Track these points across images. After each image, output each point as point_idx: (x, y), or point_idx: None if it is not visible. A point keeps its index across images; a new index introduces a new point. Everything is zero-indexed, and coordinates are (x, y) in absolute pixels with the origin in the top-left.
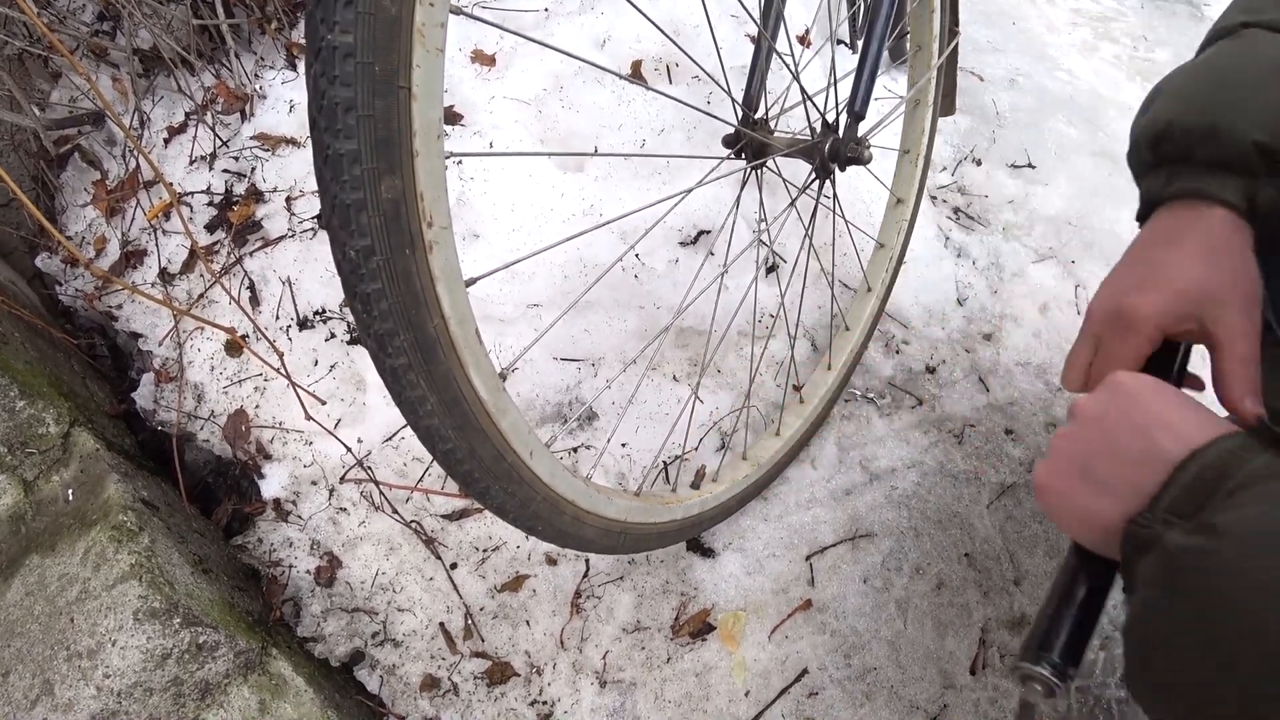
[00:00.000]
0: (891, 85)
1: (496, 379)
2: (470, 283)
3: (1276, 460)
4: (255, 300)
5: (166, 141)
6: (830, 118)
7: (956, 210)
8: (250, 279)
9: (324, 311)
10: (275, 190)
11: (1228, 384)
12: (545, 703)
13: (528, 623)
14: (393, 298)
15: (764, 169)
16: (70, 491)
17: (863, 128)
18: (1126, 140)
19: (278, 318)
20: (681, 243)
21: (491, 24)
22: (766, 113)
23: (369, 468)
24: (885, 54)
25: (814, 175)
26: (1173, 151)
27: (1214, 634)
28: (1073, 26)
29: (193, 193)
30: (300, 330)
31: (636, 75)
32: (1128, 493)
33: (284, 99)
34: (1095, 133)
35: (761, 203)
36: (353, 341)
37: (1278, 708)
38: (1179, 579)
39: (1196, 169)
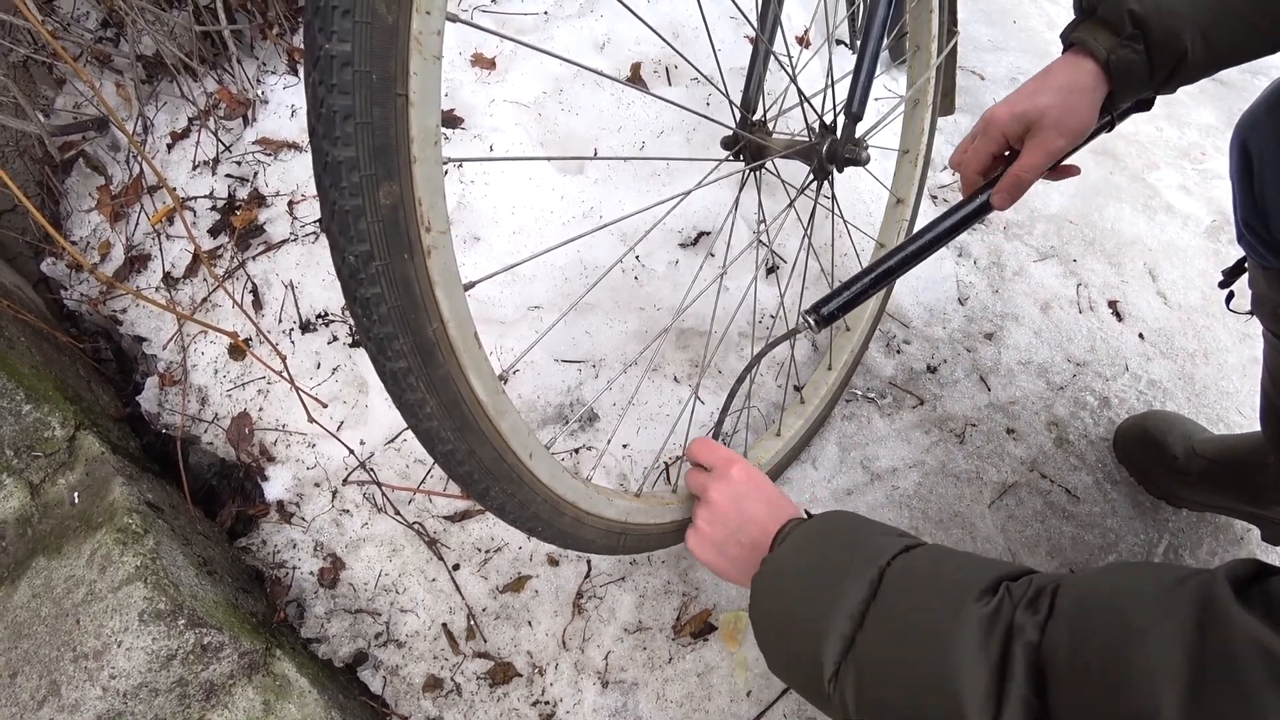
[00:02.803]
0: (891, 85)
1: (495, 381)
2: (469, 286)
3: (801, 524)
4: (258, 304)
5: (170, 147)
6: (828, 119)
7: None
8: (253, 283)
9: (326, 314)
10: (278, 194)
11: (976, 161)
12: (547, 703)
13: (530, 623)
14: (392, 302)
15: (762, 170)
16: (76, 494)
17: (861, 128)
18: (1127, 138)
19: (280, 321)
20: (681, 244)
21: (488, 30)
22: (765, 114)
23: (371, 470)
24: (884, 54)
25: (812, 176)
26: (1085, 3)
27: (765, 621)
28: None
29: (196, 197)
30: (303, 333)
31: (636, 78)
32: (748, 569)
33: (286, 104)
34: None
35: (760, 204)
36: (354, 344)
37: (795, 662)
38: (753, 598)
39: (1091, 22)
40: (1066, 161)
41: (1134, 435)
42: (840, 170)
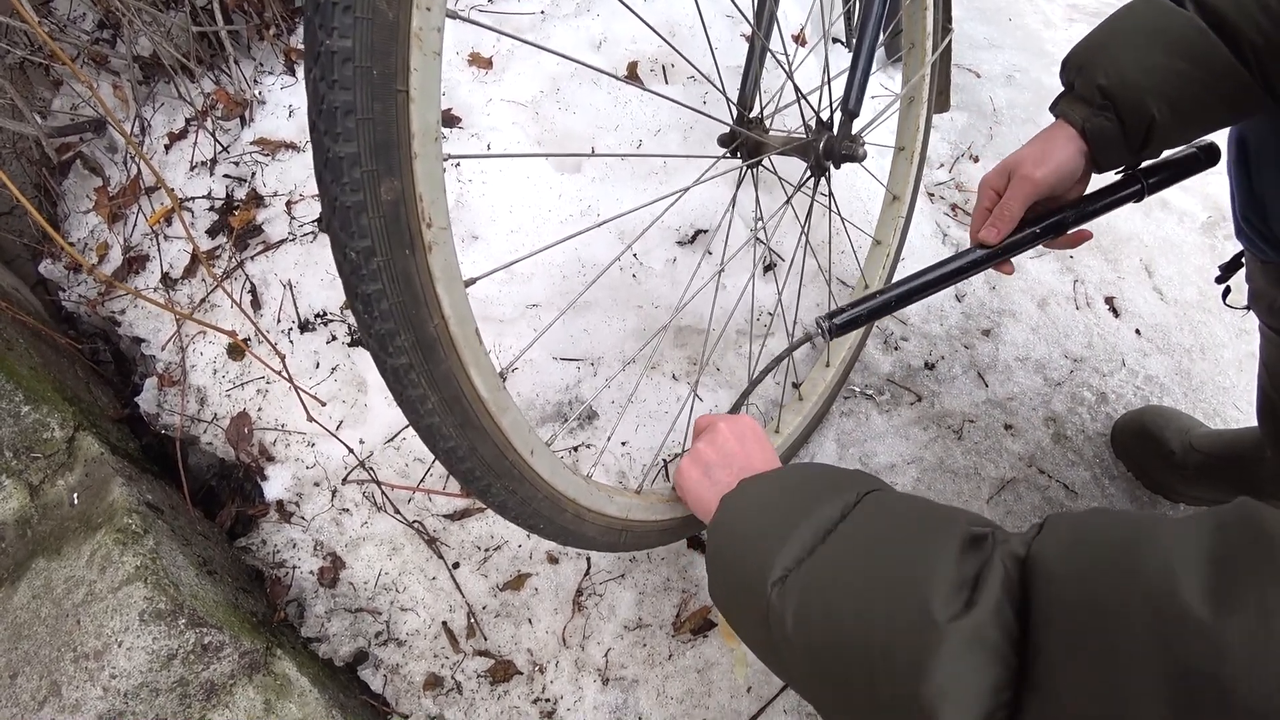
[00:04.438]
0: (887, 83)
1: (496, 377)
2: (469, 283)
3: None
4: (257, 304)
5: (167, 148)
6: (825, 116)
7: (954, 207)
8: (251, 283)
9: (325, 314)
10: (275, 194)
11: (979, 222)
12: (548, 700)
13: (530, 621)
14: (393, 298)
15: (760, 168)
16: (75, 495)
17: (857, 125)
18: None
19: (279, 321)
20: (679, 242)
21: (488, 27)
22: (761, 112)
23: (371, 469)
24: (879, 52)
25: (809, 173)
26: (1065, 79)
27: (723, 536)
28: (1069, 22)
29: (194, 198)
30: (301, 333)
31: (632, 76)
32: (722, 491)
33: (283, 104)
34: None
35: (758, 201)
36: (353, 343)
37: (740, 572)
38: (718, 513)
39: (1069, 97)
40: (1082, 227)
41: (1131, 430)
42: (837, 167)
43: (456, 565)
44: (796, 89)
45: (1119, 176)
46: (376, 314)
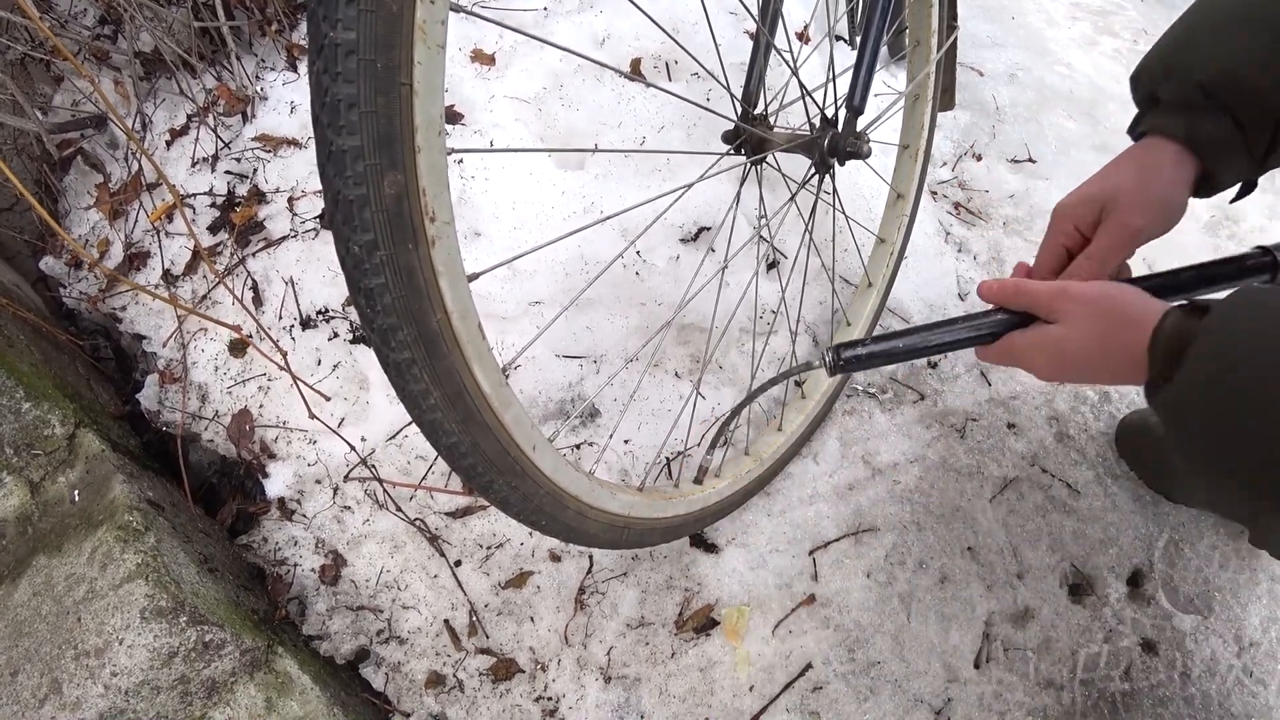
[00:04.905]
0: (890, 81)
1: (499, 373)
2: (473, 278)
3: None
4: (258, 300)
5: (169, 144)
6: (829, 113)
7: (957, 205)
8: (253, 279)
9: (326, 311)
10: (277, 191)
11: (1053, 262)
12: (550, 699)
13: (532, 619)
14: (396, 292)
15: (764, 164)
16: (76, 492)
17: (862, 123)
18: (1127, 135)
19: (280, 318)
20: (682, 239)
21: (493, 21)
22: (766, 108)
23: (373, 466)
24: (884, 49)
25: (814, 170)
26: (1143, 95)
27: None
28: (1072, 21)
29: (195, 194)
30: (303, 330)
31: (636, 73)
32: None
33: (285, 100)
34: (1096, 126)
35: (762, 199)
36: (355, 341)
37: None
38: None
39: (1156, 110)
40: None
41: (1135, 429)
42: (842, 164)
43: (458, 563)
44: (801, 85)
45: (1246, 249)
46: (379, 308)
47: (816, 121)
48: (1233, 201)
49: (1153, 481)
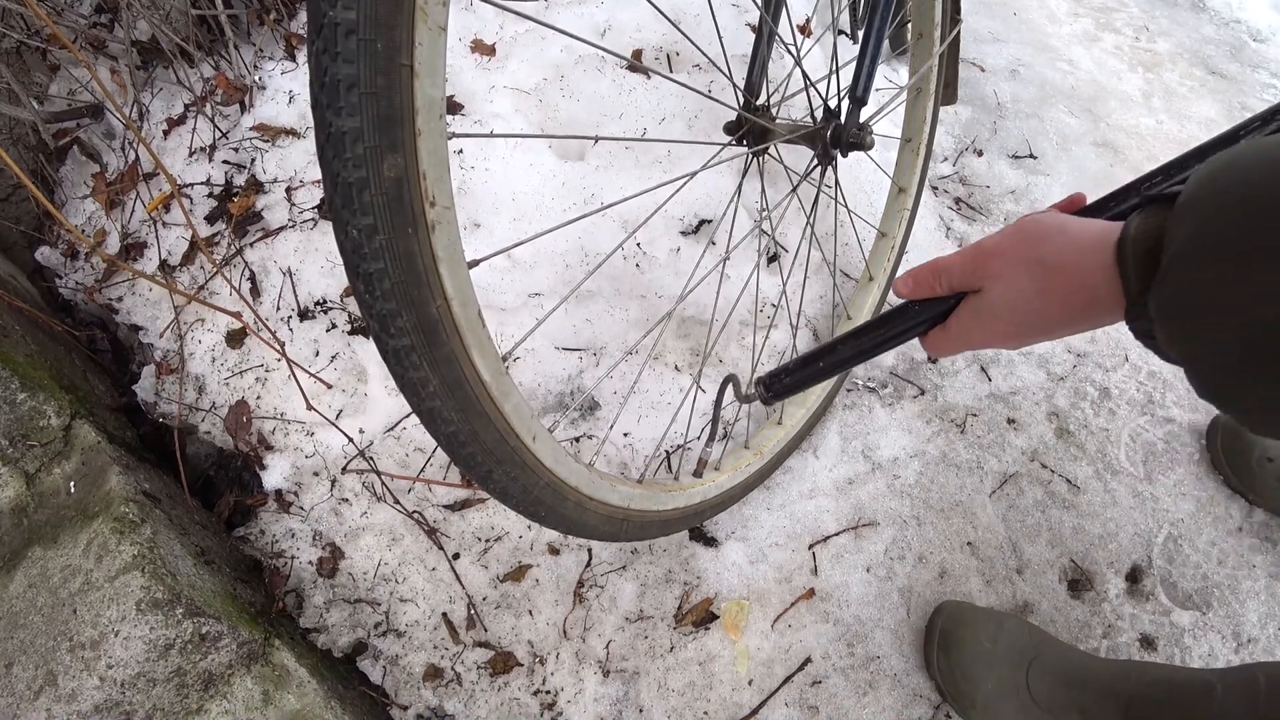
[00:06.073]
0: (892, 76)
1: (499, 362)
2: (473, 264)
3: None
4: (256, 291)
5: (166, 133)
6: (832, 104)
7: (958, 200)
8: (251, 270)
9: (324, 302)
10: (275, 181)
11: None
12: (548, 692)
13: (530, 612)
14: (395, 278)
15: (766, 155)
16: (72, 484)
17: (864, 114)
18: (1127, 131)
19: (278, 309)
20: (683, 232)
21: (497, 4)
22: (768, 99)
23: (371, 458)
24: (886, 42)
25: (816, 161)
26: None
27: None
28: (1074, 17)
29: (193, 184)
30: (301, 321)
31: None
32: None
33: (283, 90)
34: (1097, 123)
35: (763, 191)
36: (353, 332)
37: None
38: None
39: None
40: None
41: (1233, 428)
42: (844, 155)
43: (456, 556)
44: (805, 75)
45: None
46: (378, 294)
47: (820, 112)
48: None
49: (1234, 482)
